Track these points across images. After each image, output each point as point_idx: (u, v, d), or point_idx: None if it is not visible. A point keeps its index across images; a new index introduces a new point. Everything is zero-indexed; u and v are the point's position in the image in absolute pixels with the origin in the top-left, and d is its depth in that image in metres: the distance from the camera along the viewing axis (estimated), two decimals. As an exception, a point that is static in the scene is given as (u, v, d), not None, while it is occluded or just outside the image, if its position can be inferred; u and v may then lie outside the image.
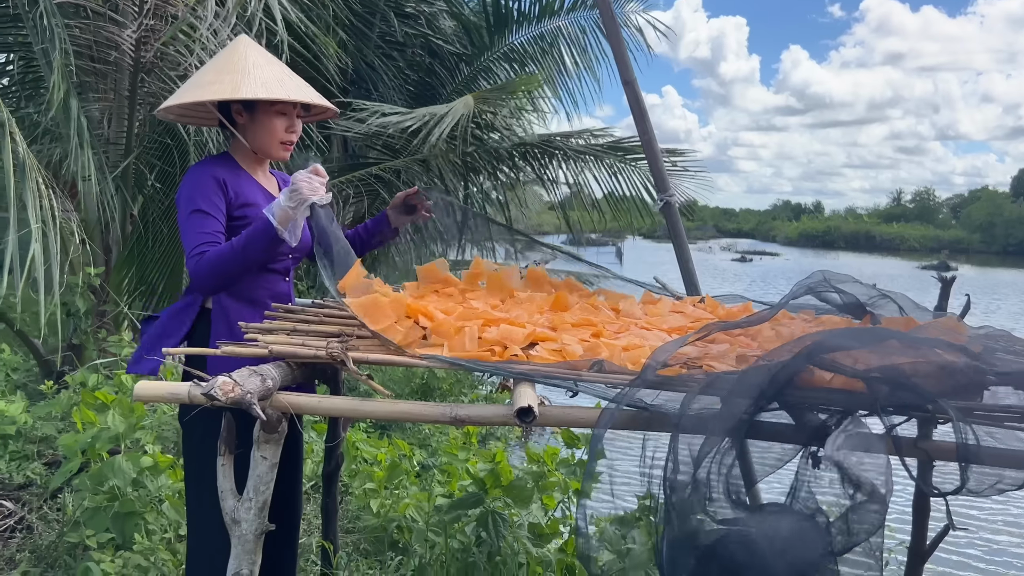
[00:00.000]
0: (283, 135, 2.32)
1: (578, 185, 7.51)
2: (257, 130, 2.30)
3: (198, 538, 2.35)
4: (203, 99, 2.25)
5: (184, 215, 2.18)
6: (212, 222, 2.18)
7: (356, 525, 3.80)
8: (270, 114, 2.28)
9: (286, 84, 2.29)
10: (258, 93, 2.21)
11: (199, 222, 2.17)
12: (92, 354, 5.27)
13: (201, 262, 2.11)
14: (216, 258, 2.11)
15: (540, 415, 1.64)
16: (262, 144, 2.32)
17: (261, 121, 2.29)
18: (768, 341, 2.11)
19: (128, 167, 5.39)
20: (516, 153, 7.11)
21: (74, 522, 3.09)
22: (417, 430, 5.77)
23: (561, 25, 8.06)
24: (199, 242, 2.14)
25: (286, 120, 2.31)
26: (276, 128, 2.30)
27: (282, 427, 1.85)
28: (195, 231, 2.15)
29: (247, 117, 2.30)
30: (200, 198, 2.19)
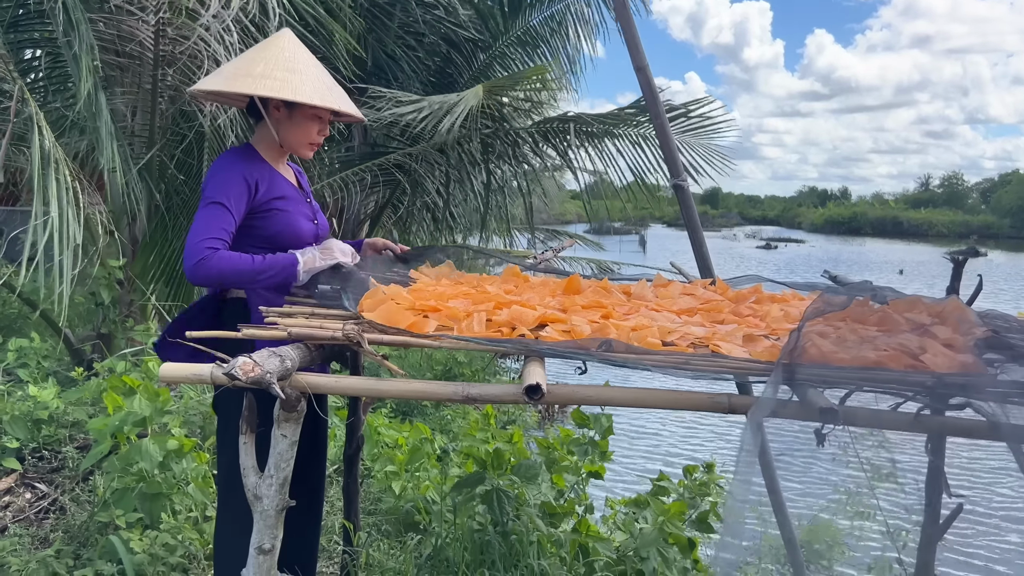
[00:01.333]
0: (314, 137, 2.41)
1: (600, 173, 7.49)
2: (292, 128, 2.38)
3: (226, 515, 2.43)
4: (264, 94, 2.27)
5: (204, 202, 2.23)
6: (229, 219, 2.22)
7: (377, 507, 3.88)
8: (308, 117, 2.36)
9: (334, 92, 2.39)
10: (313, 99, 2.29)
11: (217, 214, 2.20)
12: (120, 343, 5.39)
13: (212, 260, 2.14)
14: (230, 264, 2.16)
15: (548, 393, 1.69)
16: (293, 142, 2.40)
17: (298, 121, 2.37)
18: (776, 321, 2.14)
19: (152, 159, 5.49)
20: (537, 133, 7.09)
21: (104, 503, 3.19)
22: (439, 416, 5.85)
23: (569, 2, 8.08)
24: (211, 235, 2.17)
25: (320, 124, 2.40)
26: (311, 130, 2.39)
27: (301, 406, 1.91)
28: (210, 222, 2.19)
29: (284, 114, 2.36)
30: (224, 194, 2.23)
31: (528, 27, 7.99)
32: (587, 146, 7.22)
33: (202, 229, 2.17)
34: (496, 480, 3.22)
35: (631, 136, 6.96)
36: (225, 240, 2.20)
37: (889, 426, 1.78)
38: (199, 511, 3.22)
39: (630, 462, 6.63)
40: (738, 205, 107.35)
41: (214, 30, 4.66)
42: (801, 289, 2.56)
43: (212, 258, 2.14)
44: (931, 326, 1.92)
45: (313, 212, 2.51)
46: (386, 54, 7.35)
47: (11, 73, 4.12)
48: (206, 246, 2.15)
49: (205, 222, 2.18)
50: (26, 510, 3.55)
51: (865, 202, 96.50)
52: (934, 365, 1.69)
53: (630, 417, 8.12)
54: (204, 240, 2.15)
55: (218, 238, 2.17)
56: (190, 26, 4.84)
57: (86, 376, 4.47)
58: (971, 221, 71.65)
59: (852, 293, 2.27)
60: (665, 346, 1.89)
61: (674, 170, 3.15)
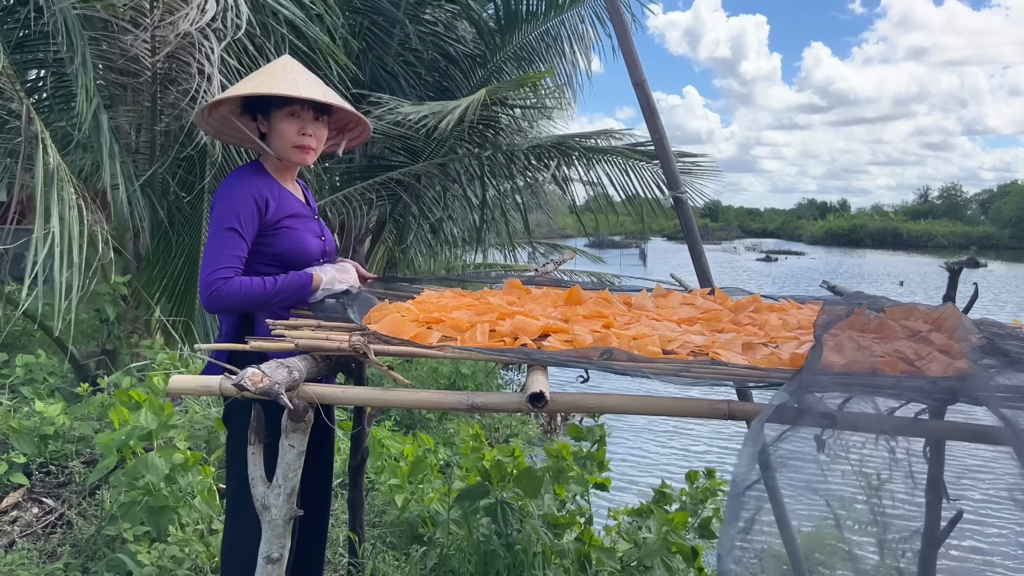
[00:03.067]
0: (295, 138, 2.33)
1: (598, 186, 7.57)
2: (273, 135, 2.35)
3: (235, 527, 2.46)
4: (209, 103, 2.34)
5: (217, 228, 2.24)
6: (241, 245, 2.24)
7: (382, 519, 3.90)
8: (283, 117, 2.32)
9: (286, 82, 2.28)
10: (247, 89, 2.27)
11: (229, 241, 2.22)
12: (125, 358, 5.42)
13: (226, 288, 2.17)
14: (245, 290, 2.19)
15: (551, 401, 1.72)
16: (279, 148, 2.36)
17: (275, 126, 2.33)
18: (774, 330, 2.18)
19: (155, 175, 5.54)
20: (532, 155, 7.20)
21: (111, 516, 3.22)
22: (442, 429, 5.88)
23: (564, 18, 8.19)
24: (225, 264, 2.19)
25: (298, 123, 2.32)
26: (288, 131, 2.32)
27: (308, 416, 1.94)
28: (223, 250, 2.21)
29: (267, 125, 2.36)
30: (236, 217, 2.23)
31: (524, 42, 8.10)
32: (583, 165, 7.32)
33: (214, 259, 2.19)
34: (499, 492, 3.24)
35: (623, 163, 7.09)
36: (237, 267, 2.22)
37: (887, 431, 1.81)
38: (205, 524, 3.25)
39: (631, 471, 6.65)
40: (738, 218, 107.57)
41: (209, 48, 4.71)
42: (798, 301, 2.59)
43: (224, 288, 2.17)
44: (927, 333, 1.96)
45: (320, 229, 2.52)
46: (385, 71, 7.43)
47: (18, 93, 4.17)
48: (217, 277, 2.17)
49: (217, 251, 2.20)
50: (33, 525, 3.58)
51: (864, 214, 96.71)
52: (930, 370, 1.73)
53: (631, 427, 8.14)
54: (216, 271, 2.18)
55: (230, 266, 2.19)
56: (187, 45, 4.89)
57: (91, 392, 4.50)
58: (971, 232, 71.80)
59: (850, 303, 2.31)
60: (665, 354, 1.93)
61: (673, 183, 3.19)
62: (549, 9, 8.00)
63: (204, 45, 4.68)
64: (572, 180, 7.66)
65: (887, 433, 1.80)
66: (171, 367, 4.67)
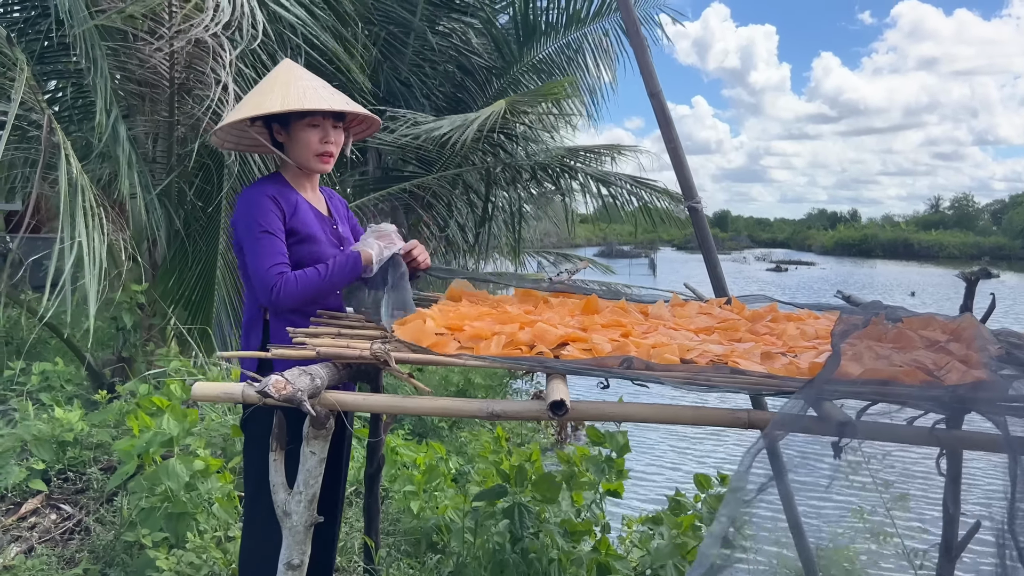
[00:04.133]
0: (318, 147, 2.38)
1: (605, 198, 7.61)
2: (295, 145, 2.39)
3: (252, 533, 2.47)
4: (228, 121, 2.36)
5: (252, 235, 2.28)
6: (279, 244, 2.30)
7: (396, 527, 3.91)
8: (303, 127, 2.36)
9: (309, 95, 2.34)
10: (274, 107, 2.29)
11: (269, 243, 2.28)
12: (141, 366, 5.47)
13: (286, 283, 2.24)
14: (304, 282, 2.26)
15: (572, 409, 1.74)
16: (301, 158, 2.40)
17: (296, 136, 2.38)
18: (792, 339, 2.19)
19: (171, 185, 5.59)
20: (539, 171, 7.27)
21: (130, 522, 3.24)
22: (454, 437, 5.89)
23: (586, 32, 8.22)
24: (275, 262, 2.26)
25: (319, 132, 2.38)
26: (310, 140, 2.37)
27: (330, 423, 1.97)
28: (267, 252, 2.27)
29: (285, 135, 2.40)
30: (264, 220, 2.29)
31: (544, 55, 8.13)
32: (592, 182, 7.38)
33: (264, 259, 2.26)
34: (518, 495, 3.25)
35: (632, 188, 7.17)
36: (285, 263, 2.28)
37: (905, 440, 1.81)
38: (223, 531, 3.27)
39: (646, 479, 6.65)
40: (748, 228, 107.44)
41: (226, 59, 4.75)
42: (815, 310, 2.60)
43: (287, 285, 2.24)
44: (946, 343, 1.96)
45: (340, 239, 2.53)
46: (400, 81, 7.49)
47: (40, 103, 4.23)
48: (275, 273, 2.25)
49: (263, 253, 2.27)
50: (52, 531, 3.61)
51: (875, 224, 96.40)
52: (949, 380, 1.73)
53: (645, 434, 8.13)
54: (270, 269, 2.25)
55: (279, 263, 2.27)
56: (203, 55, 4.95)
57: (109, 399, 4.54)
58: (982, 242, 71.36)
59: (868, 313, 2.32)
60: (684, 363, 1.94)
61: (688, 193, 3.21)
62: (570, 23, 8.04)
63: (221, 56, 4.73)
64: (581, 191, 7.71)
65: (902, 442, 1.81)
66: (187, 375, 4.71)
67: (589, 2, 8.04)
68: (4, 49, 4.13)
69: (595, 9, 8.10)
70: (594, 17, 8.16)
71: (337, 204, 2.67)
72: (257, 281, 2.26)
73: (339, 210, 2.65)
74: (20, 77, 3.90)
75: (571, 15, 8.02)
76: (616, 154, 7.61)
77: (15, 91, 3.86)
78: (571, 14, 8.02)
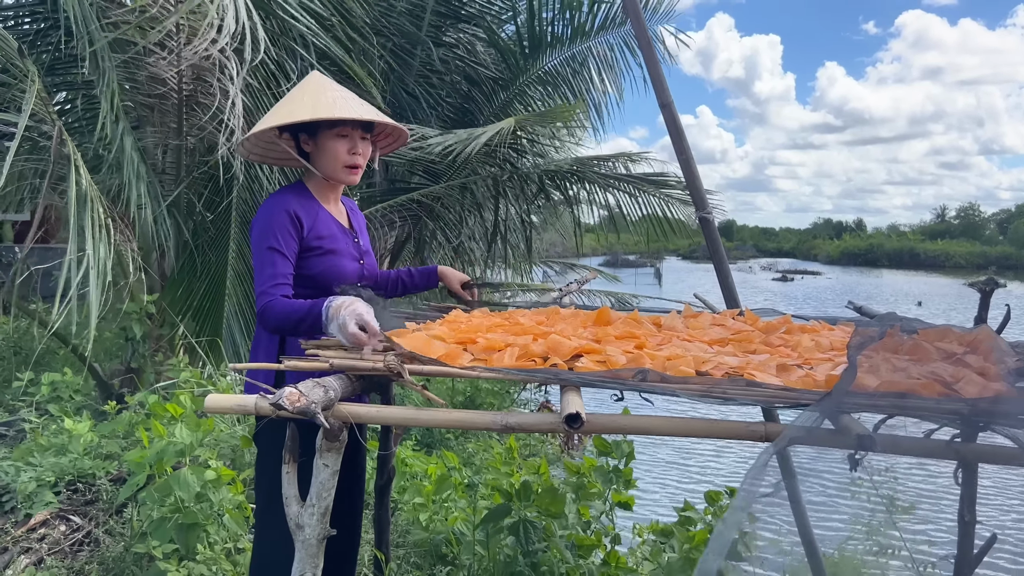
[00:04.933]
0: (346, 158, 2.36)
1: (615, 207, 7.62)
2: (322, 155, 2.37)
3: (264, 545, 2.46)
4: (258, 129, 2.34)
5: (259, 249, 2.27)
6: (284, 263, 2.26)
7: (406, 539, 3.90)
8: (331, 137, 2.33)
9: (340, 105, 2.32)
10: (304, 115, 2.27)
11: (272, 260, 2.25)
12: (150, 377, 5.47)
13: (271, 308, 2.20)
14: (283, 313, 2.19)
15: (587, 422, 1.73)
16: (328, 169, 2.38)
17: (324, 146, 2.35)
18: (808, 351, 2.17)
19: (179, 196, 5.61)
20: (547, 179, 7.28)
21: (140, 534, 3.23)
22: (462, 449, 5.87)
23: (591, 44, 8.26)
24: (271, 283, 2.23)
25: (348, 142, 2.35)
26: (339, 151, 2.35)
27: (343, 436, 1.96)
28: (268, 270, 2.24)
29: (312, 145, 2.37)
30: (274, 236, 2.26)
31: (549, 67, 8.16)
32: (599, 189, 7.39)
33: (262, 279, 2.24)
34: (523, 512, 3.23)
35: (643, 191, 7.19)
36: (284, 283, 2.25)
37: (923, 454, 1.80)
38: (233, 542, 3.26)
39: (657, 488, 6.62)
40: (753, 237, 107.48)
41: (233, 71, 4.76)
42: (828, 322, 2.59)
43: (271, 310, 2.20)
44: (963, 355, 1.95)
45: (360, 252, 2.51)
46: (407, 92, 7.51)
47: (50, 114, 4.25)
48: (266, 295, 2.22)
49: (263, 272, 2.25)
50: (61, 542, 3.60)
51: (881, 234, 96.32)
52: (968, 393, 1.72)
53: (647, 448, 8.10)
54: (264, 290, 2.22)
55: (276, 284, 2.23)
56: (211, 67, 4.96)
57: (118, 410, 4.54)
58: (989, 252, 71.23)
59: (883, 324, 2.31)
60: (699, 375, 1.93)
61: (700, 203, 3.20)
62: (575, 35, 8.07)
63: (228, 68, 4.74)
64: (587, 202, 7.72)
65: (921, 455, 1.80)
66: (195, 385, 4.71)
67: (593, 16, 8.08)
68: (15, 61, 4.15)
69: (600, 23, 8.14)
70: (599, 30, 8.19)
71: (359, 219, 2.64)
72: (257, 296, 2.24)
73: (360, 225, 2.63)
74: (31, 88, 3.92)
75: (576, 28, 8.05)
76: (628, 161, 7.62)
77: (26, 102, 3.87)
78: (576, 27, 8.05)
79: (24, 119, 3.84)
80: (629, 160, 7.62)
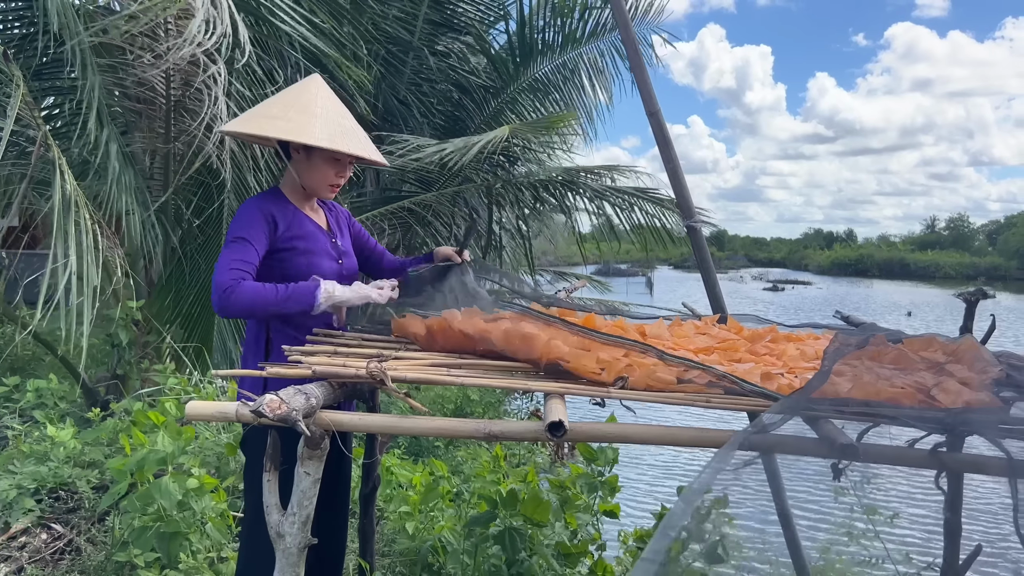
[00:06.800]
0: (333, 179, 2.46)
1: (604, 216, 7.63)
2: (310, 171, 2.43)
3: (252, 555, 2.44)
4: (270, 134, 2.38)
5: (228, 239, 2.29)
6: (251, 253, 2.28)
7: (392, 548, 3.87)
8: (325, 159, 2.41)
9: (348, 136, 2.40)
10: (322, 142, 2.32)
11: (241, 249, 2.27)
12: (136, 384, 5.43)
13: (239, 289, 2.18)
14: (255, 293, 2.20)
15: (571, 430, 1.71)
16: (312, 184, 2.46)
17: (316, 164, 2.42)
18: (793, 360, 2.17)
19: (167, 202, 5.58)
20: (540, 187, 7.29)
21: (122, 542, 3.20)
22: (450, 457, 5.84)
23: (582, 51, 8.28)
24: (236, 266, 2.23)
25: (338, 167, 2.45)
26: (328, 173, 2.44)
27: (324, 443, 1.94)
28: (234, 255, 2.25)
29: (303, 156, 2.42)
30: (245, 229, 2.30)
31: (540, 74, 8.18)
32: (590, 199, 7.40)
33: (225, 264, 2.23)
34: (508, 519, 3.22)
35: (633, 202, 7.21)
36: (247, 272, 2.24)
37: (904, 463, 1.79)
38: (215, 551, 3.23)
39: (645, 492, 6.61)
40: (744, 247, 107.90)
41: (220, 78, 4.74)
42: (814, 329, 2.59)
43: (235, 289, 2.18)
44: (946, 364, 1.95)
45: (339, 252, 2.54)
46: (398, 100, 7.51)
47: (36, 119, 4.22)
48: (230, 278, 2.19)
49: (228, 257, 2.24)
50: (42, 551, 3.56)
51: (871, 244, 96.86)
52: (948, 402, 1.72)
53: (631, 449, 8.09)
54: (227, 273, 2.20)
55: (241, 269, 2.22)
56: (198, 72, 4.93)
57: (102, 417, 4.50)
58: (978, 263, 71.68)
59: (866, 333, 2.31)
60: (682, 383, 1.92)
61: (687, 212, 3.20)
62: (566, 42, 8.09)
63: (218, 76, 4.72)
64: (579, 210, 7.73)
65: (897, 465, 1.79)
66: (182, 392, 4.67)
67: (584, 23, 8.10)
68: (0, 66, 4.12)
69: (590, 30, 8.16)
70: (589, 38, 8.21)
71: (340, 216, 2.68)
72: (214, 283, 2.21)
73: (340, 223, 2.66)
74: (16, 93, 3.89)
75: (567, 35, 8.08)
76: (616, 174, 7.64)
77: (11, 107, 3.85)
78: (567, 34, 8.07)
79: (10, 124, 3.81)
80: (619, 173, 7.64)
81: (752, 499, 1.72)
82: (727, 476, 1.61)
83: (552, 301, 2.86)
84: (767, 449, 1.73)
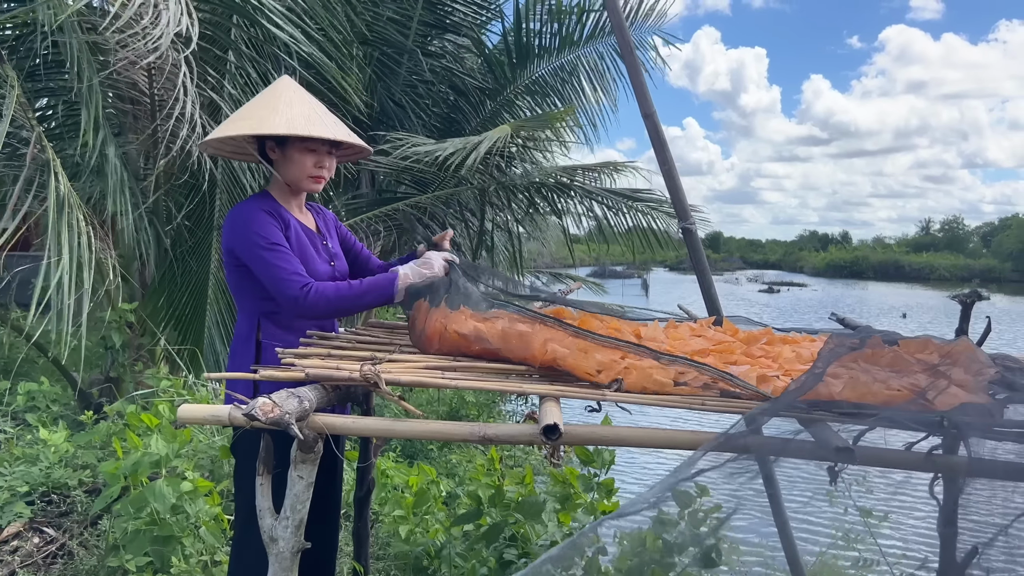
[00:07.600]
0: (312, 170, 2.41)
1: (595, 219, 7.62)
2: (288, 165, 2.41)
3: (242, 558, 2.43)
4: (232, 133, 2.36)
5: (259, 248, 2.27)
6: (292, 255, 2.31)
7: (386, 552, 3.85)
8: (299, 150, 2.38)
9: (313, 122, 2.37)
10: (279, 128, 2.30)
11: (284, 256, 2.28)
12: (129, 386, 5.40)
13: (317, 295, 2.22)
14: (335, 295, 2.24)
15: (566, 433, 1.70)
16: (293, 178, 2.42)
17: (291, 156, 2.39)
18: (788, 362, 2.16)
19: (159, 203, 5.56)
20: (533, 189, 7.28)
21: (114, 546, 3.18)
22: (444, 460, 5.83)
23: (580, 54, 8.24)
24: (296, 270, 2.26)
25: (315, 156, 2.41)
26: (305, 164, 2.40)
27: (318, 447, 1.93)
28: (284, 264, 2.26)
29: (279, 153, 2.41)
30: (268, 232, 2.30)
31: (538, 76, 8.14)
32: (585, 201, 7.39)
33: (284, 269, 2.25)
34: (496, 516, 3.21)
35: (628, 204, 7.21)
36: (302, 274, 2.27)
37: (900, 465, 1.78)
38: (208, 555, 3.21)
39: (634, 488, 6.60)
40: (739, 249, 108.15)
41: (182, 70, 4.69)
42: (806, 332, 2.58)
43: (318, 296, 2.23)
44: (942, 366, 1.94)
45: (330, 255, 2.54)
46: (393, 102, 7.49)
47: (30, 120, 4.20)
48: (300, 284, 2.23)
49: (280, 265, 2.26)
50: (34, 555, 3.53)
51: (866, 246, 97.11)
52: (944, 405, 1.71)
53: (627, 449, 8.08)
54: (292, 277, 2.24)
55: (299, 274, 2.26)
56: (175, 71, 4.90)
57: (95, 420, 4.48)
58: (972, 265, 71.95)
59: (862, 335, 2.30)
60: (678, 386, 1.92)
61: (682, 214, 3.20)
62: (564, 45, 8.05)
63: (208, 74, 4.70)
64: (570, 213, 7.71)
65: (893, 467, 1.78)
66: (175, 395, 4.65)
67: (582, 25, 8.07)
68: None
69: (588, 32, 8.13)
70: (588, 40, 8.17)
71: (327, 219, 2.67)
72: (281, 289, 2.23)
73: (328, 226, 2.65)
74: (10, 94, 3.88)
75: (564, 37, 8.05)
76: (612, 171, 7.62)
77: (5, 108, 3.83)
78: (564, 36, 8.04)
79: (4, 125, 3.79)
80: (614, 170, 7.63)
81: (749, 503, 1.71)
82: (714, 475, 1.62)
83: (551, 299, 2.84)
84: (760, 451, 1.72)
